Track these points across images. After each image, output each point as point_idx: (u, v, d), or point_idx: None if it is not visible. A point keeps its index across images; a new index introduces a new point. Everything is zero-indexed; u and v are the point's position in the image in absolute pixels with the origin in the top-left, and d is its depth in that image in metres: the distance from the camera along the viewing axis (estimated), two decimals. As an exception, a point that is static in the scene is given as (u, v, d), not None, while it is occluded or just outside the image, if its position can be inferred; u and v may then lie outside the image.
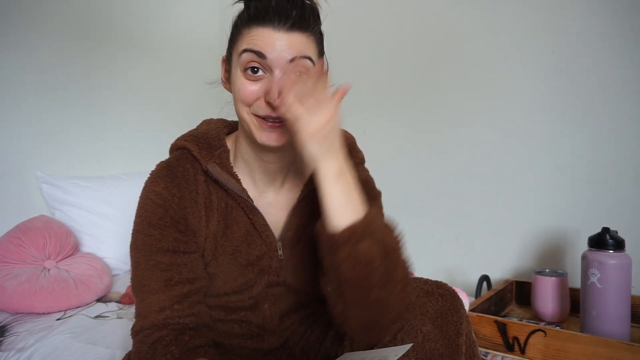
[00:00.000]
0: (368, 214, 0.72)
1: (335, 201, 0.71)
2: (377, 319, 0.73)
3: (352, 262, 0.69)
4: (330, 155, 0.71)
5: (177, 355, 0.75)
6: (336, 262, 0.70)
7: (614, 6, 1.48)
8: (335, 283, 0.72)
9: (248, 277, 0.86)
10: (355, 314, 0.72)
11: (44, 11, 1.71)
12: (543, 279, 1.40)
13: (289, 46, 0.73)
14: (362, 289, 0.70)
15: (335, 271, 0.71)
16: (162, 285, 0.77)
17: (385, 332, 0.75)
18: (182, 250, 0.80)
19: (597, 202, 1.52)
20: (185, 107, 2.25)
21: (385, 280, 0.70)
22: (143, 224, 0.79)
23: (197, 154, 0.83)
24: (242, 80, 0.76)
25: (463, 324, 0.76)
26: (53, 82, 1.75)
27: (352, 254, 0.69)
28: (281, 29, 0.73)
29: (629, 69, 1.46)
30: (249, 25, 0.75)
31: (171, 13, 2.21)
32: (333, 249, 0.70)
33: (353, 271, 0.69)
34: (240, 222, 0.84)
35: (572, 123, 1.56)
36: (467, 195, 1.76)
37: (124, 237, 1.66)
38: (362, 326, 0.74)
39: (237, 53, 0.77)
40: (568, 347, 1.11)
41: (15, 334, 1.21)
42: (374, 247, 0.70)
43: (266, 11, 0.73)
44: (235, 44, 0.78)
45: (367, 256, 0.69)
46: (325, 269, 0.73)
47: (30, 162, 1.69)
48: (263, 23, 0.73)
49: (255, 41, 0.74)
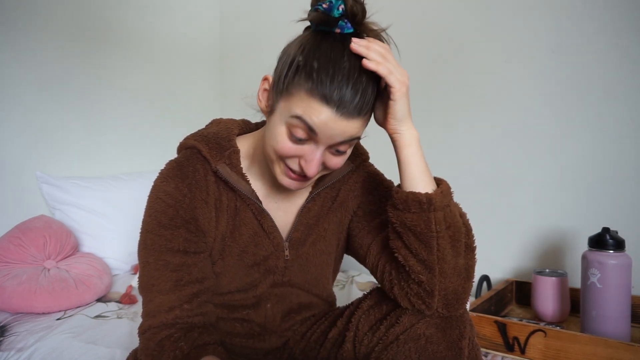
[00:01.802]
0: (445, 181, 0.77)
1: (421, 166, 0.76)
2: (464, 286, 0.75)
3: (447, 223, 0.73)
4: (411, 121, 0.77)
5: (186, 350, 0.75)
6: (434, 225, 0.72)
7: (614, 6, 1.48)
8: (428, 249, 0.73)
9: (254, 276, 0.86)
10: (445, 280, 0.74)
11: (44, 11, 1.71)
12: (543, 279, 1.40)
13: (343, 132, 0.71)
14: (455, 252, 0.74)
15: (432, 234, 0.72)
16: (172, 286, 0.77)
17: (463, 303, 0.77)
18: (193, 250, 0.80)
19: (597, 202, 1.53)
20: (185, 107, 2.25)
21: (467, 245, 0.76)
22: (153, 223, 0.78)
23: (207, 154, 0.82)
24: (283, 136, 0.73)
25: (466, 327, 0.76)
26: (53, 82, 1.74)
27: (447, 215, 0.73)
28: (343, 114, 0.69)
29: (629, 69, 1.46)
30: (311, 93, 0.69)
31: (171, 12, 2.20)
32: (430, 210, 0.72)
33: (447, 232, 0.73)
34: (248, 224, 0.84)
35: (572, 123, 1.56)
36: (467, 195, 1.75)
37: (124, 237, 1.68)
38: (448, 295, 0.74)
39: (287, 106, 0.72)
40: (568, 347, 1.11)
41: (15, 334, 1.21)
42: (456, 210, 0.76)
43: (332, 95, 0.68)
44: (290, 92, 0.71)
45: (456, 218, 0.75)
46: (417, 236, 0.73)
47: (30, 162, 1.69)
48: (326, 102, 0.68)
49: (311, 115, 0.69)
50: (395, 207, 0.75)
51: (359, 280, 1.69)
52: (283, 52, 0.76)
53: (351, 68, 0.69)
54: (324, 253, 0.91)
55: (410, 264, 0.74)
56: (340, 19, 0.71)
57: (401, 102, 0.73)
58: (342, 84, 0.68)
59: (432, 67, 1.83)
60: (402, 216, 0.74)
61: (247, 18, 2.36)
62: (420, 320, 0.75)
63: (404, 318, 0.76)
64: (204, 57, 2.39)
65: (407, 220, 0.73)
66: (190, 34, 2.30)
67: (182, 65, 2.25)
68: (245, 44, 2.37)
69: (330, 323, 0.91)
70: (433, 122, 1.83)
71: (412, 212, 0.73)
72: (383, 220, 0.84)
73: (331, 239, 0.91)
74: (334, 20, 0.71)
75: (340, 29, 0.72)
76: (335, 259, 0.95)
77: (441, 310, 0.75)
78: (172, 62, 2.20)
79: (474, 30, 1.73)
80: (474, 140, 1.74)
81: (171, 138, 0.92)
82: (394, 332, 0.76)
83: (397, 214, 0.75)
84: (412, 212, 0.73)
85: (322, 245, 0.90)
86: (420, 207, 0.72)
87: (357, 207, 0.90)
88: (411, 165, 0.75)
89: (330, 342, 0.88)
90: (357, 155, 0.92)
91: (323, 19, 0.71)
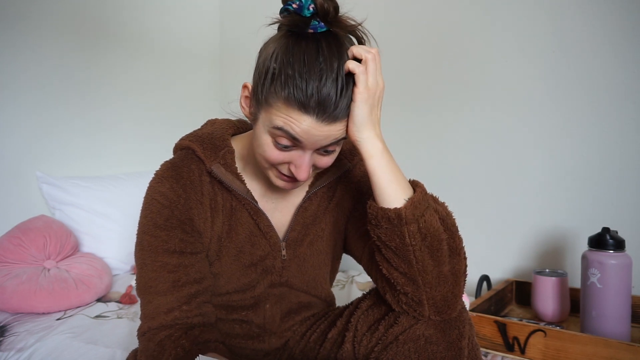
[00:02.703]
0: (421, 185, 0.74)
1: (388, 176, 0.71)
2: (453, 291, 0.73)
3: (422, 234, 0.69)
4: (375, 130, 0.72)
5: (187, 347, 0.75)
6: (407, 239, 0.69)
7: (614, 6, 1.48)
8: (407, 263, 0.70)
9: (251, 277, 0.86)
10: (431, 290, 0.71)
11: (43, 11, 1.71)
12: (543, 279, 1.40)
13: (327, 136, 0.70)
14: (437, 262, 0.70)
15: (407, 248, 0.69)
16: (169, 287, 0.77)
17: (456, 307, 0.74)
18: (189, 251, 0.80)
19: (597, 202, 1.52)
20: (185, 107, 2.25)
21: (452, 249, 0.72)
22: (149, 225, 0.78)
23: (202, 155, 0.82)
24: (269, 145, 0.72)
25: (466, 327, 0.76)
26: (53, 82, 1.74)
27: (422, 227, 0.69)
28: (324, 120, 0.67)
29: (630, 69, 1.46)
30: (289, 102, 0.67)
31: (170, 11, 2.20)
32: (402, 224, 0.69)
33: (424, 243, 0.69)
34: (244, 224, 0.84)
35: (572, 123, 1.56)
36: (467, 195, 1.76)
37: (124, 237, 1.68)
38: (437, 303, 0.72)
39: (267, 117, 0.70)
40: (568, 347, 1.11)
41: (15, 334, 1.21)
42: (435, 216, 0.71)
43: (310, 102, 0.66)
44: (268, 103, 0.70)
45: (434, 226, 0.70)
46: (393, 251, 0.71)
47: (30, 162, 1.69)
48: (305, 110, 0.66)
49: (292, 125, 0.68)
50: (370, 222, 0.73)
51: (359, 280, 1.69)
52: (258, 57, 0.74)
53: (327, 69, 0.66)
54: (321, 253, 0.91)
55: (394, 276, 0.73)
56: (312, 18, 0.69)
57: (361, 107, 0.69)
58: (319, 88, 0.66)
59: (431, 67, 1.82)
60: (377, 231, 0.72)
61: (247, 18, 2.36)
62: (419, 321, 0.75)
63: (403, 318, 0.76)
64: (204, 57, 2.39)
65: (382, 236, 0.71)
66: (191, 34, 2.30)
67: (182, 65, 2.25)
68: (245, 44, 2.37)
69: (329, 323, 0.91)
70: (433, 122, 1.83)
71: (384, 228, 0.70)
72: None
73: (329, 239, 0.91)
74: (305, 20, 0.69)
75: (313, 29, 0.69)
76: (333, 259, 0.95)
77: (434, 317, 0.74)
78: (172, 61, 2.20)
79: (474, 30, 1.73)
80: (473, 139, 1.74)
81: (171, 138, 0.92)
82: (393, 332, 0.76)
83: (372, 229, 0.73)
84: (384, 228, 0.70)
85: (319, 245, 0.90)
86: (390, 222, 0.69)
87: (353, 208, 0.90)
88: (376, 176, 0.71)
89: (329, 342, 0.88)
90: (353, 155, 0.92)
91: (294, 20, 0.69)
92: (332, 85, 0.67)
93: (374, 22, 0.79)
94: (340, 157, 0.90)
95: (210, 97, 2.41)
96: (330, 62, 0.67)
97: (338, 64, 0.68)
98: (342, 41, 0.70)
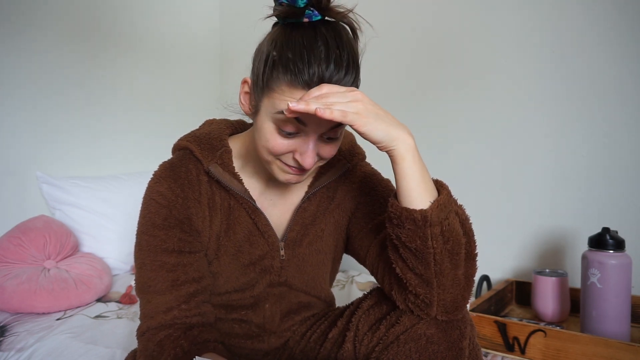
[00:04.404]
0: (446, 187, 0.73)
1: (417, 178, 0.70)
2: (463, 294, 0.73)
3: (445, 237, 0.68)
4: (404, 130, 0.70)
5: (186, 348, 0.75)
6: (430, 241, 0.68)
7: (614, 6, 1.48)
8: (424, 265, 0.70)
9: (250, 276, 0.86)
10: (443, 292, 0.71)
11: (44, 13, 1.71)
12: (543, 279, 1.40)
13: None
14: (454, 265, 0.70)
15: (428, 251, 0.68)
16: (168, 286, 0.77)
17: (463, 309, 0.75)
18: (188, 250, 0.80)
19: (597, 202, 1.52)
20: (185, 107, 2.25)
21: (468, 253, 0.72)
22: (147, 225, 0.79)
23: (199, 155, 0.82)
24: (273, 135, 0.72)
25: (467, 327, 0.75)
26: (53, 82, 1.74)
27: (445, 230, 0.68)
28: None
29: (629, 69, 1.46)
30: (292, 84, 0.67)
31: (170, 12, 2.21)
32: (425, 226, 0.67)
33: (445, 247, 0.69)
34: (242, 223, 0.84)
35: (572, 123, 1.56)
36: (467, 195, 1.75)
37: (124, 237, 1.68)
38: (447, 304, 0.72)
39: (270, 102, 0.71)
40: (568, 347, 1.11)
41: (15, 334, 1.21)
42: (456, 219, 0.71)
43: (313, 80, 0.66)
44: (270, 89, 0.70)
45: (456, 230, 0.70)
46: (412, 252, 0.70)
47: (30, 162, 1.69)
48: (309, 89, 0.67)
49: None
50: (390, 221, 0.72)
51: (359, 280, 1.69)
52: (256, 52, 0.75)
53: (328, 50, 0.67)
54: (320, 253, 0.91)
55: (407, 277, 0.72)
56: (306, 8, 0.70)
57: (371, 127, 0.67)
58: (321, 66, 0.66)
59: (431, 67, 1.83)
60: (397, 231, 0.70)
61: (247, 18, 2.36)
62: (420, 321, 0.75)
63: (404, 318, 0.76)
64: (204, 57, 2.40)
65: (402, 236, 0.70)
66: (191, 34, 2.30)
67: (183, 65, 2.26)
68: (245, 44, 2.37)
69: (330, 323, 0.91)
70: (432, 122, 1.83)
71: (406, 228, 0.69)
72: (381, 221, 0.84)
73: (328, 240, 0.91)
74: (299, 10, 0.70)
75: (308, 17, 0.70)
76: (333, 260, 0.95)
77: (440, 317, 0.74)
78: (172, 62, 2.20)
79: (474, 30, 1.73)
80: (473, 140, 1.74)
81: (172, 138, 0.92)
82: (394, 332, 0.76)
83: (392, 228, 0.72)
84: (406, 228, 0.69)
85: (318, 246, 0.90)
86: (415, 224, 0.68)
87: (355, 208, 0.90)
88: (406, 178, 0.70)
89: (330, 342, 0.88)
90: (353, 155, 0.92)
91: (289, 11, 0.70)
92: (334, 64, 0.67)
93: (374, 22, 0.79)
94: (340, 157, 0.90)
95: (210, 97, 2.41)
96: (329, 44, 0.68)
97: (337, 44, 0.68)
98: (338, 27, 0.71)
